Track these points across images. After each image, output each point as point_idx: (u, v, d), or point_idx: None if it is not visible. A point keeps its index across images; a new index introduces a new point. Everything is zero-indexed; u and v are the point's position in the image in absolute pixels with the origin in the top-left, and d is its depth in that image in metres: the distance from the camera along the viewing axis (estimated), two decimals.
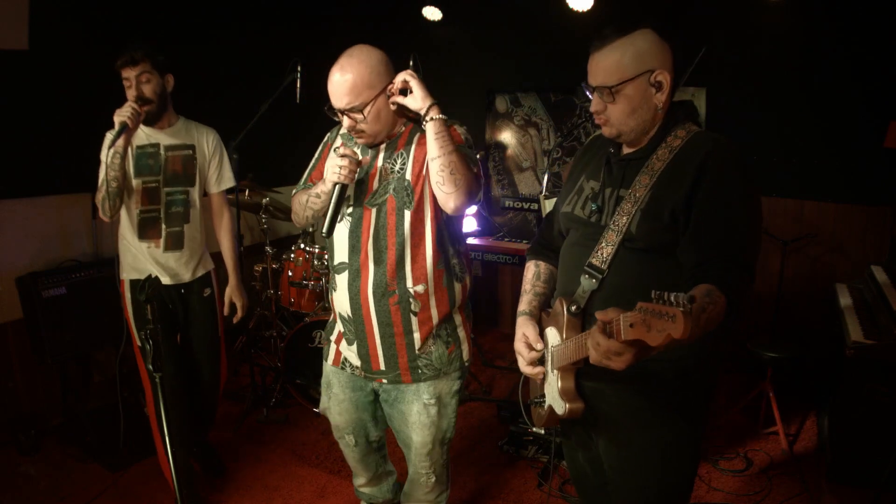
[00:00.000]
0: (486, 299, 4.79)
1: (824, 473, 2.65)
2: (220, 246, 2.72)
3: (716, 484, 2.69)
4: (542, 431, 2.89)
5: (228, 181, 2.65)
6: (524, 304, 1.65)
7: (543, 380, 1.57)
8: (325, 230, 1.81)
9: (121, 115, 2.14)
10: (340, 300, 1.93)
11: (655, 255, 1.35)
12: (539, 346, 1.54)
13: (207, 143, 2.53)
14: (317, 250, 3.41)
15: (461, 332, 1.98)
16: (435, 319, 1.90)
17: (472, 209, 4.44)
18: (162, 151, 2.40)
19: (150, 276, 1.71)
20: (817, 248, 3.58)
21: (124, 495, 2.63)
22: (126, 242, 2.45)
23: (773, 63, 3.45)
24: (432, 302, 1.88)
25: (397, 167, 1.83)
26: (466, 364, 2.01)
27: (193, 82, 3.56)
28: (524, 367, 1.58)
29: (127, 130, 2.15)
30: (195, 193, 2.50)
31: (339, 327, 2.02)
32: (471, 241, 3.85)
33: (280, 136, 3.00)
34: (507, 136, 4.50)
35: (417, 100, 1.72)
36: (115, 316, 3.11)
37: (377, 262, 1.84)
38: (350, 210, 1.87)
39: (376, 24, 4.23)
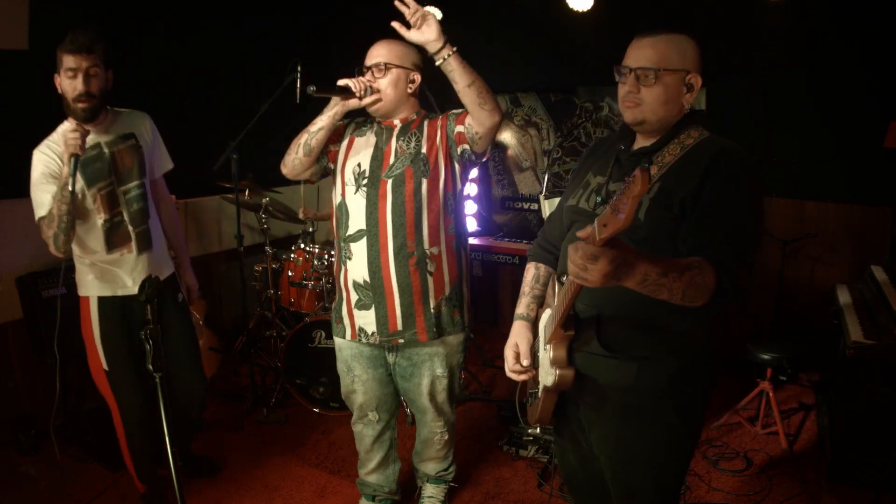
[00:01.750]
0: (485, 299, 4.79)
1: (824, 473, 2.65)
2: (166, 231, 2.49)
3: (716, 484, 2.69)
4: (538, 430, 2.90)
5: (168, 163, 2.47)
6: (522, 308, 1.67)
7: (536, 378, 1.59)
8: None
9: (70, 148, 1.93)
10: (356, 267, 2.09)
11: (654, 245, 1.37)
12: (525, 362, 1.58)
13: (145, 128, 2.33)
14: (317, 250, 3.41)
15: (465, 298, 2.23)
16: (447, 281, 2.12)
17: (473, 208, 4.45)
18: (105, 149, 2.19)
19: (150, 275, 1.71)
20: (817, 248, 3.58)
21: (124, 495, 2.63)
22: (87, 260, 2.25)
23: (774, 63, 3.46)
24: (445, 264, 2.11)
25: (412, 145, 2.06)
26: (467, 326, 2.23)
27: (193, 82, 3.57)
28: (508, 372, 1.62)
29: (77, 159, 1.95)
30: (147, 184, 2.31)
31: (353, 297, 2.14)
32: (471, 241, 3.86)
33: (280, 136, 3.00)
34: (507, 136, 4.50)
35: (433, 33, 1.81)
36: None
37: (396, 225, 2.03)
38: (366, 182, 2.06)
39: (376, 25, 4.23)
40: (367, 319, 2.12)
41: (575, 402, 1.57)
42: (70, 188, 1.94)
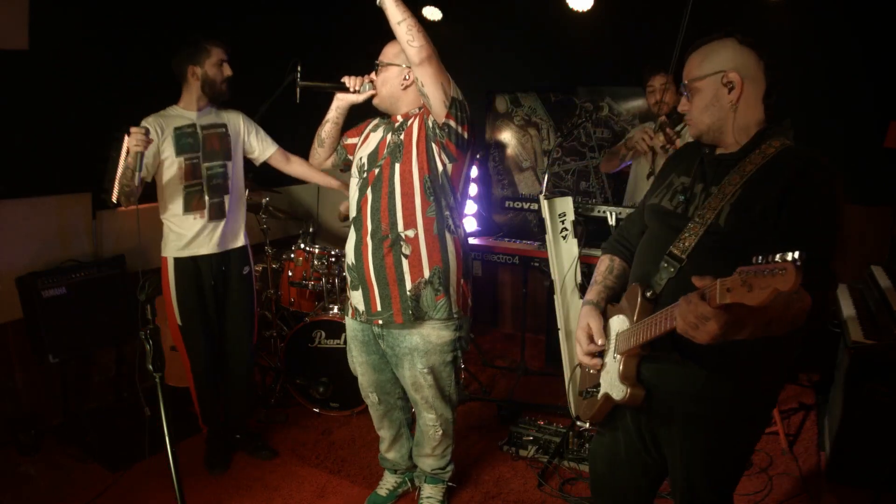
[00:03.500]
0: (485, 299, 4.78)
1: (824, 473, 2.65)
2: (313, 178, 2.89)
3: None
4: (587, 424, 2.90)
5: (272, 145, 2.87)
6: (592, 294, 1.69)
7: (599, 370, 1.59)
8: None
9: (136, 147, 2.31)
10: (349, 251, 2.22)
11: (735, 250, 1.38)
12: (601, 341, 1.58)
13: (237, 121, 2.77)
14: (317, 250, 3.41)
15: (453, 285, 2.18)
16: (426, 265, 2.12)
17: (473, 208, 4.45)
18: (199, 130, 2.62)
19: (150, 276, 1.71)
20: None
21: (124, 495, 2.63)
22: (169, 223, 2.64)
23: (773, 63, 3.45)
24: (423, 247, 2.11)
25: (400, 136, 2.13)
26: (456, 315, 2.18)
27: None
28: (581, 357, 1.63)
29: (142, 156, 2.36)
30: (231, 167, 2.70)
31: (348, 278, 2.27)
32: (471, 240, 3.85)
33: (280, 136, 3.01)
34: (507, 136, 4.50)
35: None
36: (114, 316, 3.13)
37: (373, 210, 2.13)
38: (364, 173, 2.18)
39: (376, 25, 4.23)
40: (357, 299, 2.24)
41: (635, 409, 1.58)
42: (137, 176, 2.36)
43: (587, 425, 2.08)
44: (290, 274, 3.48)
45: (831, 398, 2.92)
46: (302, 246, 3.50)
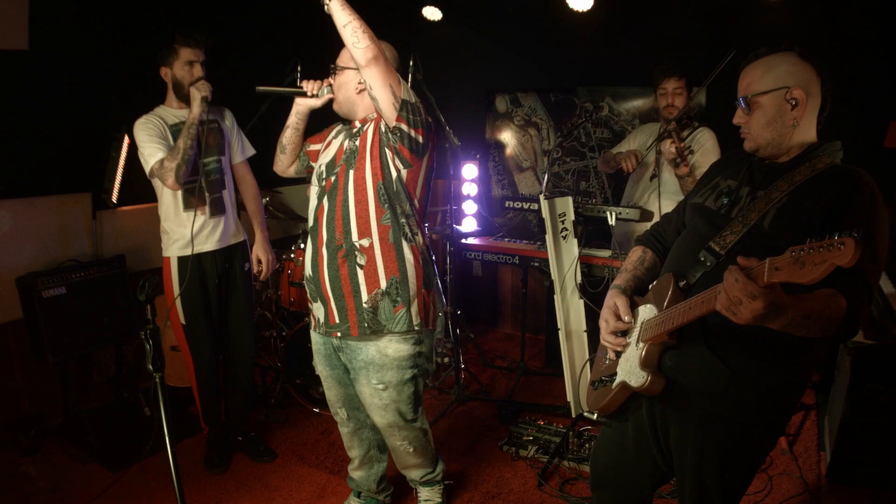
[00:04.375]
0: (485, 299, 4.79)
1: (824, 473, 2.65)
2: (247, 208, 2.92)
3: None
4: (595, 416, 2.88)
5: (250, 150, 2.88)
6: (620, 280, 1.69)
7: (617, 357, 1.59)
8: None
9: (202, 91, 2.47)
10: (306, 261, 2.16)
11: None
12: (627, 318, 1.58)
13: (226, 117, 2.79)
14: None
15: (413, 296, 2.07)
16: (381, 274, 2.04)
17: (473, 208, 4.44)
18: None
19: (150, 276, 1.71)
20: None
21: (124, 495, 2.63)
22: (169, 222, 2.64)
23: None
24: (378, 257, 2.04)
25: (356, 143, 2.08)
26: (417, 327, 2.08)
27: None
28: (605, 336, 1.62)
29: (207, 101, 2.48)
30: (226, 162, 2.74)
31: (307, 290, 2.18)
32: (471, 240, 3.86)
33: (279, 136, 3.02)
34: (507, 136, 4.50)
35: None
36: (114, 316, 3.13)
37: (329, 219, 2.06)
38: (322, 181, 2.11)
39: (376, 25, 4.22)
40: (317, 311, 2.17)
41: (650, 401, 1.58)
42: (193, 124, 2.45)
43: (595, 416, 2.07)
44: (289, 274, 3.48)
45: (831, 398, 2.92)
46: (302, 246, 3.50)
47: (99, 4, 3.04)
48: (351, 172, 2.03)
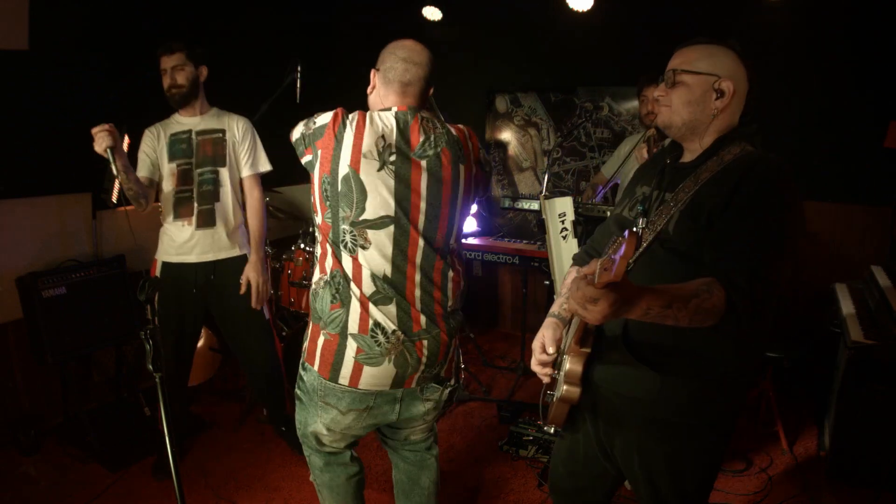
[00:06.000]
0: (485, 299, 4.79)
1: (824, 473, 2.65)
2: (248, 225, 2.84)
3: (716, 484, 2.68)
4: (552, 431, 2.89)
5: (264, 165, 2.77)
6: (556, 307, 1.67)
7: (553, 379, 1.59)
8: None
9: (100, 145, 2.19)
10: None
11: (683, 258, 1.37)
12: (551, 350, 1.56)
13: (237, 127, 2.70)
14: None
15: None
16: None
17: (473, 208, 4.44)
18: (193, 136, 2.61)
19: (149, 276, 1.71)
20: (817, 248, 3.58)
21: (124, 495, 2.63)
22: (165, 228, 2.66)
23: (773, 63, 3.46)
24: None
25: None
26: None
27: None
28: (533, 365, 1.60)
29: (116, 150, 2.23)
30: (225, 174, 2.65)
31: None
32: (471, 241, 3.86)
33: (280, 136, 3.00)
34: (507, 136, 4.51)
35: None
36: (114, 316, 3.13)
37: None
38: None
39: (376, 24, 4.23)
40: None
41: (593, 414, 1.58)
42: (114, 173, 2.29)
43: (552, 430, 2.09)
44: (289, 273, 3.48)
45: (831, 398, 2.92)
46: (302, 246, 3.50)
47: (99, 4, 3.04)
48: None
